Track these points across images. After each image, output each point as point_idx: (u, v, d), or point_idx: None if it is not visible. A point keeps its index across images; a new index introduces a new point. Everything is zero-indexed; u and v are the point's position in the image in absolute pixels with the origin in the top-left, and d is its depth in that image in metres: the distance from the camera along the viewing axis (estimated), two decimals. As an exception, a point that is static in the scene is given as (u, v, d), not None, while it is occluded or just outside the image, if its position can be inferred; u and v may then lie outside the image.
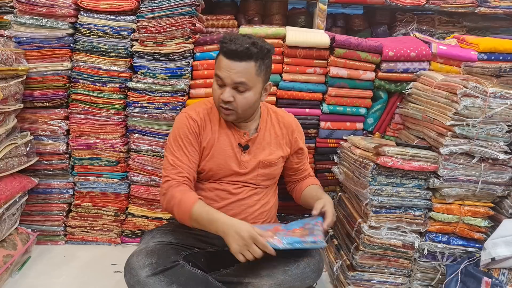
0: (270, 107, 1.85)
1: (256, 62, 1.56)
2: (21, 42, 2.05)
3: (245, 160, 1.72)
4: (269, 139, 1.77)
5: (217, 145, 1.71)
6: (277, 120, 1.81)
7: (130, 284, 1.55)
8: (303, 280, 1.57)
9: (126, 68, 2.13)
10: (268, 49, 1.60)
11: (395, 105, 2.17)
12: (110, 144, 2.17)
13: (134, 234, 2.28)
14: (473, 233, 1.76)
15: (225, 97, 1.57)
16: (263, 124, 1.77)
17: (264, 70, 1.61)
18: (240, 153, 1.72)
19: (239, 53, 1.53)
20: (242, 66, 1.55)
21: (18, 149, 1.99)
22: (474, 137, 1.67)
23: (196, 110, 1.73)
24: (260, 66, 1.58)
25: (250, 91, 1.59)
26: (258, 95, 1.64)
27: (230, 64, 1.55)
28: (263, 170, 1.75)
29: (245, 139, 1.72)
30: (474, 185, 1.74)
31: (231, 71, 1.55)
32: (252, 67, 1.56)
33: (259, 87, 1.62)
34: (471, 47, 2.12)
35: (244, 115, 1.66)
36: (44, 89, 2.10)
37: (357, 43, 2.05)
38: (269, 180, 1.80)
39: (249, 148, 1.73)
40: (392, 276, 1.84)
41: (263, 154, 1.75)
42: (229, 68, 1.55)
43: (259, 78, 1.60)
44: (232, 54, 1.54)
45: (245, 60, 1.54)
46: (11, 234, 1.98)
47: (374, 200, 1.73)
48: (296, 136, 1.83)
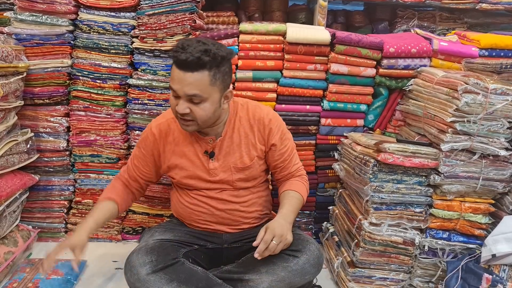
0: (242, 104, 1.71)
1: (210, 71, 1.44)
2: (21, 39, 2.04)
3: (213, 167, 1.66)
4: (238, 141, 1.67)
5: (184, 156, 1.68)
6: (248, 117, 1.69)
7: (130, 282, 1.55)
8: (303, 275, 1.57)
9: (127, 65, 2.12)
10: (222, 56, 1.46)
11: (396, 101, 2.16)
12: (111, 141, 2.17)
13: (135, 231, 2.28)
14: (473, 229, 1.76)
15: (180, 109, 1.48)
16: (230, 127, 1.66)
17: (221, 78, 1.48)
18: (207, 161, 1.67)
19: (190, 63, 1.41)
20: (194, 77, 1.43)
21: (19, 146, 2.00)
22: (475, 133, 1.67)
23: (158, 122, 1.72)
24: (214, 75, 1.46)
25: (206, 102, 1.48)
26: (217, 104, 1.52)
27: (181, 76, 1.44)
28: (237, 174, 1.69)
29: (210, 146, 1.66)
30: (474, 181, 1.73)
31: (183, 83, 1.44)
32: (205, 77, 1.44)
33: (216, 97, 1.51)
34: (472, 44, 2.12)
35: (205, 124, 1.57)
36: (44, 86, 2.10)
37: (358, 40, 2.04)
38: (249, 182, 1.73)
39: (216, 155, 1.67)
40: (393, 273, 1.84)
41: (234, 158, 1.67)
42: (180, 79, 1.44)
43: (215, 88, 1.48)
44: (182, 64, 1.42)
45: (197, 70, 1.43)
46: (12, 231, 1.99)
47: (375, 196, 1.73)
48: (269, 131, 1.68)
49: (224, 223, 1.72)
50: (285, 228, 1.52)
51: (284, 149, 1.73)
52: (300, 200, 1.70)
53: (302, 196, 1.70)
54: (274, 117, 1.72)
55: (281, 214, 1.59)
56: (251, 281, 1.54)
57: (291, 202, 1.65)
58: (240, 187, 1.72)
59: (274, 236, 1.48)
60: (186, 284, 1.48)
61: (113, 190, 1.76)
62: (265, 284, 1.54)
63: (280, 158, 1.73)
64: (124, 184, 1.79)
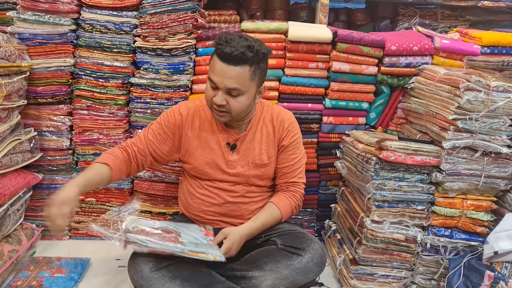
0: (268, 104, 1.79)
1: (251, 66, 1.51)
2: (24, 38, 2.05)
3: (232, 159, 1.71)
4: (259, 138, 1.72)
5: (205, 144, 1.71)
6: (271, 118, 1.75)
7: (134, 280, 1.56)
8: (306, 274, 1.58)
9: (129, 63, 2.13)
10: (264, 53, 1.54)
11: (398, 99, 2.16)
12: (114, 140, 2.18)
13: (137, 229, 2.29)
14: (475, 227, 1.76)
15: (218, 101, 1.54)
16: (255, 123, 1.72)
17: (259, 74, 1.56)
18: (228, 152, 1.71)
19: (234, 57, 1.47)
20: (236, 71, 1.49)
21: (22, 145, 2.01)
22: (476, 131, 1.67)
23: (188, 105, 1.75)
24: (255, 71, 1.53)
25: (244, 95, 1.55)
26: (252, 99, 1.60)
27: (223, 68, 1.50)
28: (253, 171, 1.72)
29: (233, 138, 1.70)
30: (476, 179, 1.74)
31: (225, 75, 1.50)
32: (246, 72, 1.51)
33: (253, 91, 1.58)
34: (474, 41, 2.12)
35: (238, 117, 1.64)
36: (47, 85, 2.11)
37: (360, 38, 2.05)
38: (263, 181, 1.77)
39: (237, 148, 1.71)
40: (395, 270, 1.84)
41: (253, 154, 1.72)
42: (222, 72, 1.50)
43: (253, 83, 1.55)
44: (226, 57, 1.48)
45: (240, 64, 1.49)
46: (16, 230, 2.00)
47: (377, 194, 1.73)
48: (286, 133, 1.74)
49: (230, 216, 1.74)
50: (236, 243, 1.59)
51: (292, 156, 1.76)
52: (276, 220, 1.73)
53: (282, 215, 1.73)
54: (294, 122, 1.78)
55: (249, 227, 1.65)
56: (254, 278, 1.55)
57: (266, 219, 1.70)
58: (253, 184, 1.75)
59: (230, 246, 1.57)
60: (189, 281, 1.49)
61: (112, 157, 1.67)
62: (268, 282, 1.55)
63: (284, 163, 1.76)
64: (129, 155, 1.72)
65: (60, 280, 1.80)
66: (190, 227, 1.68)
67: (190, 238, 1.58)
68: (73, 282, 1.82)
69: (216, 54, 1.52)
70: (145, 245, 1.49)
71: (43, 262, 1.93)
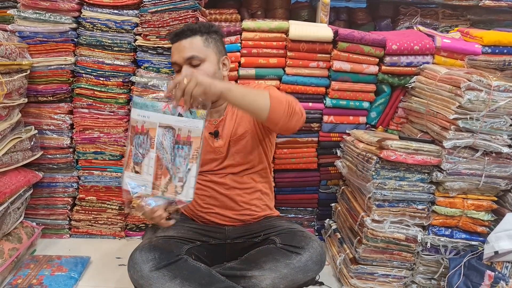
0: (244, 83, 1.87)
1: (201, 36, 1.62)
2: (24, 36, 2.05)
3: (218, 145, 1.73)
4: (236, 116, 1.74)
5: None
6: None
7: (134, 279, 1.56)
8: (305, 273, 1.58)
9: (130, 62, 2.13)
10: (211, 25, 1.66)
11: (399, 99, 2.16)
12: (114, 138, 2.18)
13: (138, 228, 2.29)
14: (476, 226, 1.76)
15: (183, 73, 1.59)
16: (230, 106, 1.74)
17: (213, 42, 1.65)
18: (213, 140, 1.73)
19: (182, 32, 1.61)
20: (188, 42, 1.60)
21: (23, 143, 2.01)
22: (477, 130, 1.67)
23: None
24: (207, 39, 1.63)
25: (205, 63, 1.61)
26: (216, 66, 1.65)
27: (176, 45, 1.62)
28: (234, 147, 1.74)
29: (214, 126, 1.73)
30: (477, 178, 1.73)
31: (179, 49, 1.61)
32: (198, 40, 1.61)
33: (213, 58, 1.64)
34: (475, 41, 2.11)
35: None
36: (48, 84, 2.11)
37: (361, 37, 2.04)
38: (249, 154, 1.75)
39: (220, 133, 1.74)
40: (395, 270, 1.84)
41: (230, 132, 1.74)
42: (177, 49, 1.62)
43: (209, 49, 1.63)
44: (176, 36, 1.62)
45: (189, 36, 1.61)
46: (16, 228, 2.00)
47: (377, 193, 1.73)
48: None
49: (224, 207, 1.74)
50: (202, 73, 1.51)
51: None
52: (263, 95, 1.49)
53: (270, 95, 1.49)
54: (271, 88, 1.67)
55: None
56: (254, 277, 1.55)
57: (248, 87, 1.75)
58: (241, 163, 1.74)
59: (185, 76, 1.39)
60: (189, 280, 1.48)
61: None
62: (267, 281, 1.54)
63: None
64: None
65: (61, 279, 1.80)
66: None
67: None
68: (73, 281, 1.82)
69: (171, 42, 1.67)
70: None
71: (44, 261, 1.93)
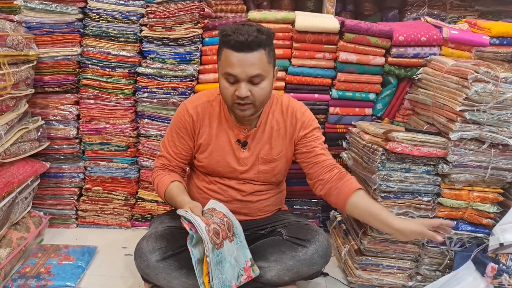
0: (276, 97, 1.70)
1: (265, 49, 1.45)
2: (31, 27, 2.06)
3: (244, 157, 1.65)
4: (269, 133, 1.65)
5: (216, 141, 1.65)
6: (281, 110, 1.67)
7: (140, 268, 1.58)
8: (311, 265, 1.59)
9: (135, 53, 2.13)
10: (273, 33, 1.49)
11: (405, 90, 2.15)
12: (120, 129, 2.19)
13: (144, 218, 2.31)
14: (481, 218, 1.76)
15: (243, 93, 1.44)
16: (264, 118, 1.65)
17: (273, 56, 1.52)
18: (239, 149, 1.65)
19: (250, 43, 1.40)
20: (255, 57, 1.42)
21: (30, 134, 2.02)
22: (484, 122, 1.66)
23: (194, 104, 1.66)
24: (269, 53, 1.47)
25: (265, 81, 1.48)
26: (272, 83, 1.53)
27: (241, 57, 1.42)
28: (263, 166, 1.67)
29: (244, 135, 1.64)
30: (483, 171, 1.73)
31: (245, 64, 1.42)
32: (264, 56, 1.44)
33: (271, 75, 1.52)
34: (483, 32, 2.09)
35: (262, 105, 1.56)
36: (54, 74, 2.12)
37: (367, 28, 2.03)
38: (273, 177, 1.71)
39: (248, 144, 1.65)
40: (400, 261, 1.85)
41: (263, 149, 1.66)
42: (241, 62, 1.42)
43: (271, 65, 1.50)
44: (242, 46, 1.41)
45: (256, 49, 1.42)
46: (24, 217, 2.02)
47: (383, 185, 1.73)
48: (301, 124, 1.66)
49: (237, 213, 1.66)
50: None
51: (317, 143, 1.66)
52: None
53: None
54: (307, 111, 1.70)
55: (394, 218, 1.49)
56: (260, 268, 1.56)
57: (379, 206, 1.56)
58: (264, 181, 1.70)
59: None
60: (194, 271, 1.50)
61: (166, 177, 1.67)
62: (273, 273, 1.56)
63: (312, 151, 1.65)
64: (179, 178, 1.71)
65: (68, 268, 1.82)
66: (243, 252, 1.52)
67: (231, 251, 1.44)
68: (81, 270, 1.84)
69: (228, 46, 1.44)
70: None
71: (51, 250, 1.95)
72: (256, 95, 1.48)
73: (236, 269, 1.43)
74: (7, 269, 1.80)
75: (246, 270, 1.47)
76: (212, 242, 1.34)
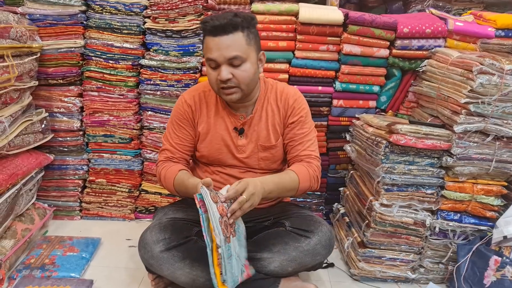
0: (271, 84, 1.71)
1: (243, 31, 1.47)
2: (34, 19, 2.06)
3: (241, 144, 1.67)
4: (265, 120, 1.66)
5: (214, 130, 1.67)
6: (276, 97, 1.68)
7: (144, 259, 1.59)
8: (314, 256, 1.59)
9: (139, 45, 2.13)
10: (251, 17, 1.50)
11: (409, 83, 2.14)
12: (123, 122, 2.20)
13: (147, 210, 2.32)
14: (485, 211, 1.76)
15: (223, 75, 1.47)
16: (259, 105, 1.66)
17: (254, 39, 1.51)
18: (236, 137, 1.67)
19: (224, 26, 1.44)
20: (231, 39, 1.45)
21: (34, 126, 2.03)
22: (489, 115, 1.65)
23: (191, 94, 1.69)
24: (248, 35, 1.49)
25: (246, 62, 1.49)
26: (255, 65, 1.54)
27: (217, 41, 1.45)
28: (263, 153, 1.68)
29: (240, 122, 1.65)
30: (487, 163, 1.72)
31: (221, 47, 1.45)
32: (240, 38, 1.47)
33: (253, 57, 1.52)
34: (488, 24, 2.08)
35: (248, 89, 1.56)
36: (58, 67, 2.12)
37: (371, 20, 2.02)
38: (274, 163, 1.72)
39: (245, 132, 1.67)
40: (403, 253, 1.85)
41: (261, 136, 1.67)
42: (218, 45, 1.46)
43: (251, 47, 1.50)
44: (217, 30, 1.45)
45: (232, 32, 1.45)
46: (28, 209, 2.03)
47: (386, 178, 1.73)
48: (291, 110, 1.67)
49: None
50: (258, 189, 1.43)
51: (300, 131, 1.67)
52: (293, 181, 1.57)
53: (298, 178, 1.58)
54: (299, 97, 1.70)
55: (263, 179, 1.51)
56: (263, 259, 1.56)
57: (280, 177, 1.57)
58: (264, 169, 1.71)
59: (245, 189, 1.40)
60: (198, 262, 1.50)
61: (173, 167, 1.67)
62: (276, 263, 1.56)
63: (294, 137, 1.67)
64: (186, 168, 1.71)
65: (72, 259, 1.84)
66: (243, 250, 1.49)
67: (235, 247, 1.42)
68: (85, 261, 1.85)
69: (207, 33, 1.49)
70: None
71: (55, 241, 1.96)
72: (239, 78, 1.50)
73: (239, 265, 1.44)
74: (12, 260, 1.81)
75: (246, 267, 1.48)
76: (224, 235, 1.34)
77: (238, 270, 1.41)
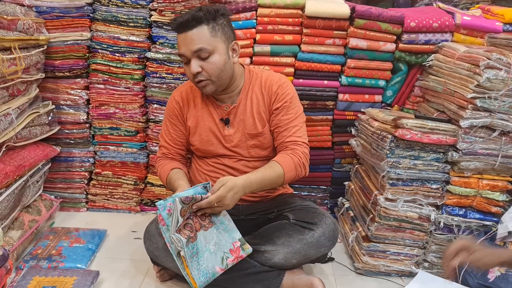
0: (257, 72, 1.74)
1: (207, 24, 1.51)
2: (41, 11, 2.07)
3: (228, 134, 1.70)
4: (250, 108, 1.69)
5: (202, 122, 1.72)
6: (260, 85, 1.70)
7: (149, 251, 1.61)
8: (318, 248, 1.60)
9: (145, 38, 2.13)
10: (216, 10, 1.54)
11: (415, 77, 2.13)
12: (130, 114, 2.21)
13: (153, 203, 2.33)
14: (490, 206, 1.75)
15: (193, 68, 1.53)
16: (244, 94, 1.69)
17: (220, 30, 1.54)
18: (223, 127, 1.70)
19: (187, 22, 1.50)
20: (194, 33, 1.50)
21: (41, 118, 2.04)
22: (495, 110, 1.64)
23: (179, 91, 1.77)
24: (213, 27, 1.52)
25: (214, 54, 1.53)
26: (225, 56, 1.56)
27: (183, 37, 1.52)
28: (251, 141, 1.71)
29: (226, 113, 1.69)
30: (493, 159, 1.72)
31: (186, 42, 1.52)
32: (204, 30, 1.51)
33: (222, 48, 1.55)
34: (496, 18, 2.06)
35: (221, 81, 1.59)
36: (64, 59, 2.13)
37: (378, 14, 2.01)
38: (264, 151, 1.73)
39: (231, 121, 1.69)
40: (407, 248, 1.85)
41: (247, 124, 1.69)
42: (183, 41, 1.52)
43: (217, 39, 1.53)
44: (182, 26, 1.51)
45: (195, 26, 1.50)
46: (35, 201, 2.05)
47: (391, 172, 1.73)
48: (275, 96, 1.68)
49: None
50: (232, 192, 1.46)
51: (285, 117, 1.67)
52: (278, 174, 1.57)
53: (283, 169, 1.57)
54: (284, 83, 1.70)
55: (247, 177, 1.53)
56: (267, 252, 1.58)
57: (266, 171, 1.57)
58: (255, 157, 1.73)
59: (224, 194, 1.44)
60: (203, 254, 1.52)
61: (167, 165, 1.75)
62: (280, 256, 1.57)
63: (279, 123, 1.67)
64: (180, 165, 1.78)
65: (79, 250, 1.86)
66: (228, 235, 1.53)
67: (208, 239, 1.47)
68: (91, 252, 1.87)
69: (175, 31, 1.56)
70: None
71: (62, 232, 1.98)
72: (208, 70, 1.54)
73: (218, 254, 1.47)
74: (19, 251, 1.83)
75: (234, 251, 1.50)
76: (186, 237, 1.40)
77: (214, 260, 1.46)
